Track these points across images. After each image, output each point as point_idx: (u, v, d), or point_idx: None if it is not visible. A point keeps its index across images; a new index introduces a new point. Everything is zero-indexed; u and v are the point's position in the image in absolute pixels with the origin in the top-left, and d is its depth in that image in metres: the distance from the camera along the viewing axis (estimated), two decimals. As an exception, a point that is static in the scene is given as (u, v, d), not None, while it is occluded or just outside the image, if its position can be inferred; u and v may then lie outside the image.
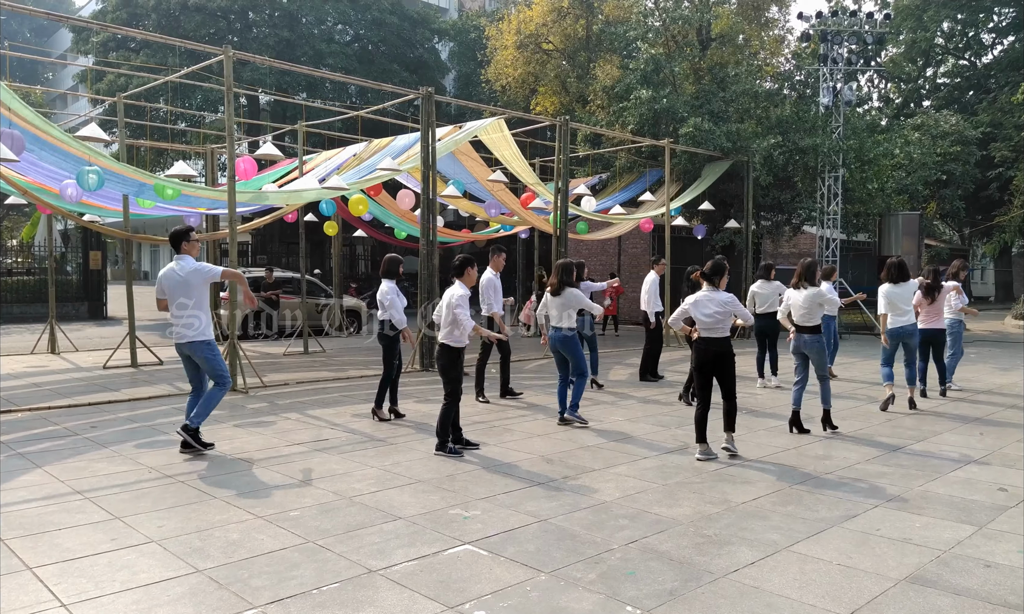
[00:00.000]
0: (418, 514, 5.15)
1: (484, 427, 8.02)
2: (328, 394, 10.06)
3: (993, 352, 15.73)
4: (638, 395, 10.20)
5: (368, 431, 7.78)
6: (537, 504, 5.39)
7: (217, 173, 16.97)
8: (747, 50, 22.11)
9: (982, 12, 35.17)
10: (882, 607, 3.78)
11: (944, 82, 38.35)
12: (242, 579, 4.08)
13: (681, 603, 3.82)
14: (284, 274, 19.30)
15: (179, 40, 11.96)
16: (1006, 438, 7.58)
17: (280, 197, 11.96)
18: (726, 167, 18.20)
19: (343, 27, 30.01)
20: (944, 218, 33.85)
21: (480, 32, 30.52)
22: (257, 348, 15.08)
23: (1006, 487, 5.87)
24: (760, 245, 22.51)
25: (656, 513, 5.21)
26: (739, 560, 4.37)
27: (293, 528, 4.86)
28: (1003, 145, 28.48)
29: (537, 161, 20.01)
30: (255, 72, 25.15)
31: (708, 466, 6.45)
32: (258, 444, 7.15)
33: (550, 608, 3.76)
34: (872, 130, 21.15)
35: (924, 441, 7.45)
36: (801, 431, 7.72)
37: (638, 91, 18.61)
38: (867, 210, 20.17)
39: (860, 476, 6.16)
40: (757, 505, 5.39)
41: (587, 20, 24.57)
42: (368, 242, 30.30)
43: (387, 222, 18.38)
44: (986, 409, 9.18)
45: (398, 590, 3.95)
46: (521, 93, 25.89)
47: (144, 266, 52.90)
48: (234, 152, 10.51)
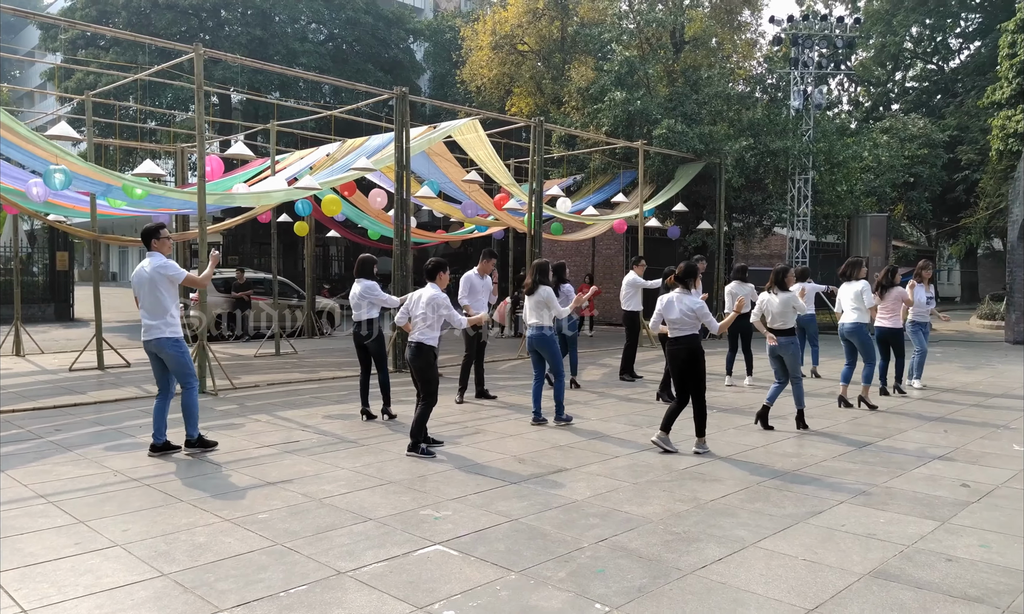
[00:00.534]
0: (389, 515, 5.13)
1: (457, 428, 8.01)
2: (299, 396, 9.99)
3: (959, 351, 16.04)
4: (613, 394, 10.25)
5: (339, 432, 7.74)
6: (508, 504, 5.39)
7: (187, 172, 16.77)
8: (720, 53, 22.34)
9: (950, 17, 35.88)
10: (846, 601, 3.84)
11: (912, 86, 39.04)
12: (208, 582, 4.03)
13: (649, 599, 3.85)
14: (256, 275, 19.11)
15: (149, 38, 11.80)
16: (969, 435, 7.73)
17: (250, 198, 11.84)
18: (699, 169, 18.36)
19: (317, 26, 29.80)
20: (911, 220, 34.40)
21: (455, 33, 30.47)
22: (227, 349, 14.92)
23: (968, 483, 5.98)
24: (732, 246, 22.73)
25: (626, 511, 5.24)
26: (707, 557, 4.41)
27: (261, 531, 4.81)
28: (969, 148, 29.06)
29: (512, 162, 20.02)
30: (227, 70, 24.89)
31: (678, 464, 6.50)
32: (227, 446, 7.07)
33: (519, 607, 3.77)
34: (842, 133, 21.48)
35: (890, 438, 7.57)
36: (766, 427, 7.82)
37: (612, 93, 18.71)
38: (836, 212, 20.45)
39: (827, 473, 6.25)
40: (726, 502, 5.45)
41: (562, 22, 24.63)
42: (342, 243, 30.13)
43: (360, 222, 18.28)
44: (950, 407, 9.35)
45: (367, 591, 3.93)
46: (496, 94, 25.89)
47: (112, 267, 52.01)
48: (204, 151, 10.39)
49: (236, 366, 12.52)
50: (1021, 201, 17.89)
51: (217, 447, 6.91)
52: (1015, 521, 5.06)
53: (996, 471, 6.33)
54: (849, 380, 9.32)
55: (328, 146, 15.28)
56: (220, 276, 18.11)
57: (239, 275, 17.35)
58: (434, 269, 7.02)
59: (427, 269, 7.04)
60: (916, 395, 10.24)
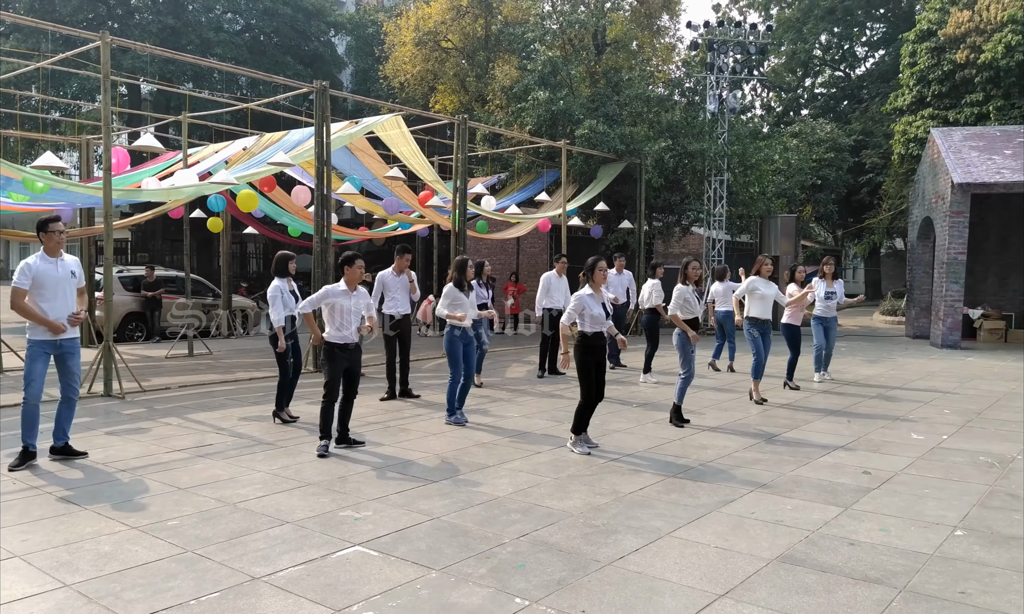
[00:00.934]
0: (307, 517, 5.03)
1: (379, 427, 7.92)
2: (214, 397, 9.67)
3: (862, 345, 16.87)
4: (535, 392, 10.34)
5: (256, 435, 7.53)
6: (430, 502, 5.37)
7: (93, 165, 16.00)
8: (640, 56, 22.80)
9: (856, 26, 37.62)
10: (755, 585, 3.99)
11: (821, 92, 40.79)
12: (114, 592, 3.87)
13: (568, 591, 3.90)
14: (168, 273, 18.42)
15: (53, 24, 11.18)
16: (870, 425, 8.14)
17: (160, 193, 11.39)
18: (620, 169, 18.70)
19: (233, 16, 28.89)
20: (819, 220, 35.95)
21: (378, 27, 30.04)
22: (137, 351, 14.33)
23: (870, 470, 6.30)
24: (652, 245, 23.25)
25: (548, 506, 5.29)
26: (625, 547, 4.50)
27: (171, 538, 4.65)
28: (873, 152, 30.56)
29: (436, 159, 19.89)
30: (136, 60, 23.85)
31: (599, 458, 6.61)
32: (135, 452, 6.79)
33: (439, 605, 3.76)
34: (755, 136, 22.26)
35: (797, 429, 7.90)
36: (681, 422, 8.02)
37: (536, 92, 18.85)
38: (749, 212, 21.21)
39: (738, 463, 6.47)
40: (643, 495, 5.57)
41: (486, 20, 24.64)
42: (260, 240, 29.30)
43: (280, 219, 17.83)
44: (853, 399, 9.83)
45: (282, 596, 3.84)
46: (420, 90, 25.68)
47: (12, 264, 49.15)
48: (111, 144, 9.93)
49: (146, 368, 12.04)
50: (920, 203, 18.96)
51: (86, 456, 6.53)
52: (912, 506, 5.36)
53: (895, 459, 6.69)
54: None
55: (244, 140, 14.84)
56: (128, 274, 17.36)
57: (149, 273, 16.67)
58: (342, 264, 6.91)
59: (336, 265, 6.93)
60: (822, 388, 10.70)
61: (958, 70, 23.58)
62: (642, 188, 19.04)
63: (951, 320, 16.14)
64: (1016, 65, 22.21)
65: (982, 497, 5.55)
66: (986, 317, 18.22)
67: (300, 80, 18.10)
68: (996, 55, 22.29)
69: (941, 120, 23.68)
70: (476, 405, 9.13)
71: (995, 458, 6.71)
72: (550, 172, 19.43)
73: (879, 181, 30.15)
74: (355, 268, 6.91)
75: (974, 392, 10.35)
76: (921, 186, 18.85)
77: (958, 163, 16.15)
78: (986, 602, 3.80)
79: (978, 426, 8.10)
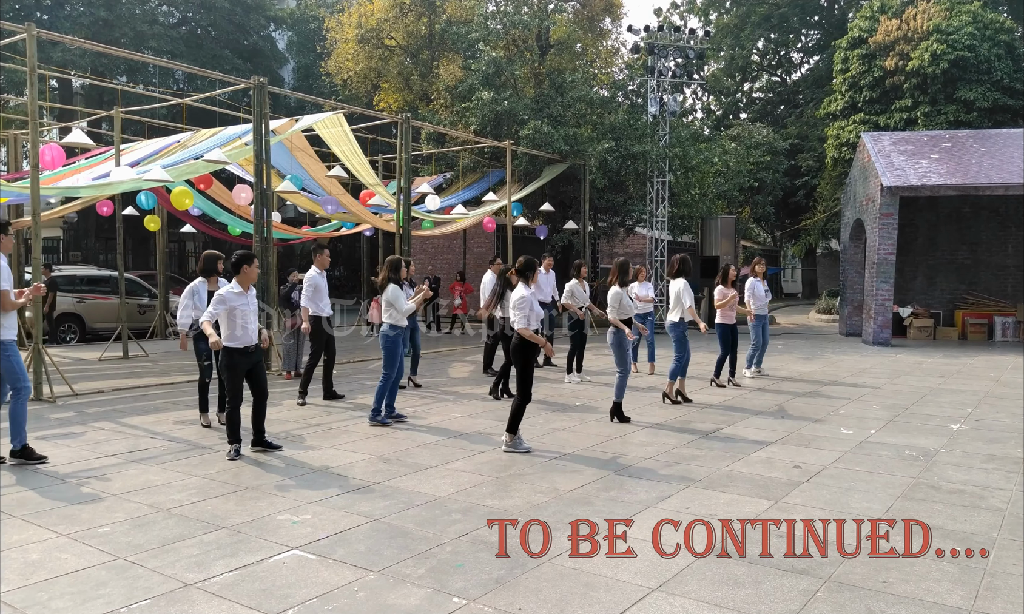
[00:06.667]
0: (243, 522, 4.96)
1: (321, 430, 7.84)
2: (148, 401, 9.42)
3: (798, 343, 17.38)
4: (479, 392, 10.36)
5: (192, 439, 7.37)
6: (371, 504, 5.35)
7: (22, 161, 15.40)
8: (584, 58, 23.03)
9: (792, 33, 38.73)
10: (687, 579, 4.09)
11: (759, 96, 41.87)
12: (41, 601, 3.75)
13: (505, 589, 3.94)
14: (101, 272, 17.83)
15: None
16: (803, 421, 8.41)
17: (91, 188, 11.03)
18: (563, 168, 18.87)
19: (168, 9, 28.17)
20: (758, 222, 36.92)
21: (320, 23, 29.67)
22: (68, 353, 13.85)
23: (800, 465, 6.51)
24: (597, 245, 23.52)
25: (488, 505, 5.32)
26: (562, 545, 4.56)
27: (102, 545, 4.52)
28: (808, 156, 31.53)
29: (380, 158, 19.77)
30: (67, 53, 23.05)
31: (541, 457, 6.67)
32: (65, 457, 6.58)
33: (376, 606, 3.76)
34: (695, 139, 22.73)
35: (732, 426, 8.11)
36: (622, 420, 8.15)
37: (480, 92, 18.88)
38: (690, 213, 21.65)
39: (676, 460, 6.61)
40: (583, 492, 5.65)
41: (429, 18, 24.55)
42: (200, 238, 28.61)
43: (219, 218, 17.44)
44: (787, 396, 10.13)
45: (216, 602, 3.79)
46: (363, 88, 25.45)
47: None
48: (38, 139, 9.58)
49: (78, 371, 11.65)
50: (852, 205, 19.63)
51: (47, 461, 6.39)
52: (839, 499, 5.57)
53: (825, 453, 6.93)
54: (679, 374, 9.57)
55: (179, 135, 14.46)
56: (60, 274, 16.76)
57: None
58: (238, 263, 6.72)
59: (232, 263, 6.75)
60: (756, 384, 10.99)
61: (887, 76, 24.53)
62: (586, 189, 19.24)
63: (882, 318, 16.74)
64: (942, 72, 23.22)
65: (906, 489, 5.79)
66: (915, 315, 18.97)
67: (239, 75, 17.75)
68: (923, 62, 23.26)
69: (872, 125, 24.59)
70: (420, 406, 9.12)
71: (920, 452, 7.00)
72: (495, 172, 19.48)
73: (814, 184, 31.10)
74: (253, 267, 6.80)
75: (902, 388, 10.77)
76: (853, 189, 19.52)
77: (887, 167, 16.78)
78: (905, 591, 3.98)
79: (904, 421, 8.44)
